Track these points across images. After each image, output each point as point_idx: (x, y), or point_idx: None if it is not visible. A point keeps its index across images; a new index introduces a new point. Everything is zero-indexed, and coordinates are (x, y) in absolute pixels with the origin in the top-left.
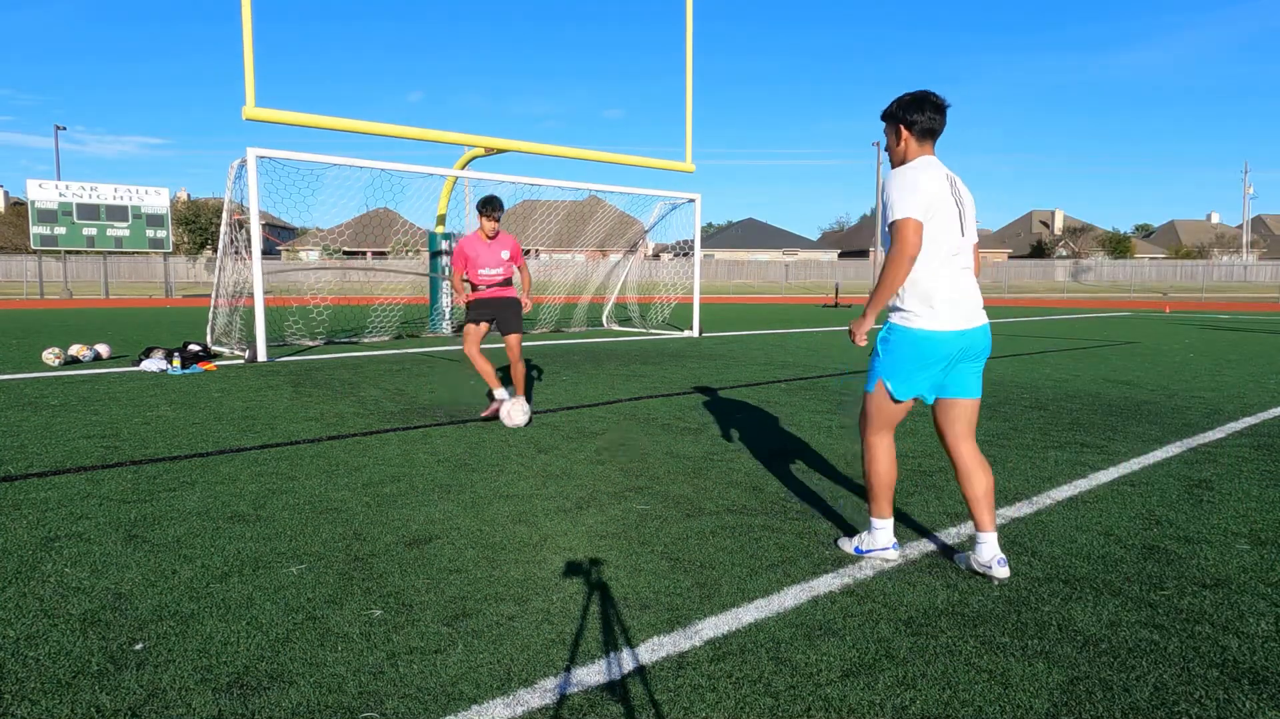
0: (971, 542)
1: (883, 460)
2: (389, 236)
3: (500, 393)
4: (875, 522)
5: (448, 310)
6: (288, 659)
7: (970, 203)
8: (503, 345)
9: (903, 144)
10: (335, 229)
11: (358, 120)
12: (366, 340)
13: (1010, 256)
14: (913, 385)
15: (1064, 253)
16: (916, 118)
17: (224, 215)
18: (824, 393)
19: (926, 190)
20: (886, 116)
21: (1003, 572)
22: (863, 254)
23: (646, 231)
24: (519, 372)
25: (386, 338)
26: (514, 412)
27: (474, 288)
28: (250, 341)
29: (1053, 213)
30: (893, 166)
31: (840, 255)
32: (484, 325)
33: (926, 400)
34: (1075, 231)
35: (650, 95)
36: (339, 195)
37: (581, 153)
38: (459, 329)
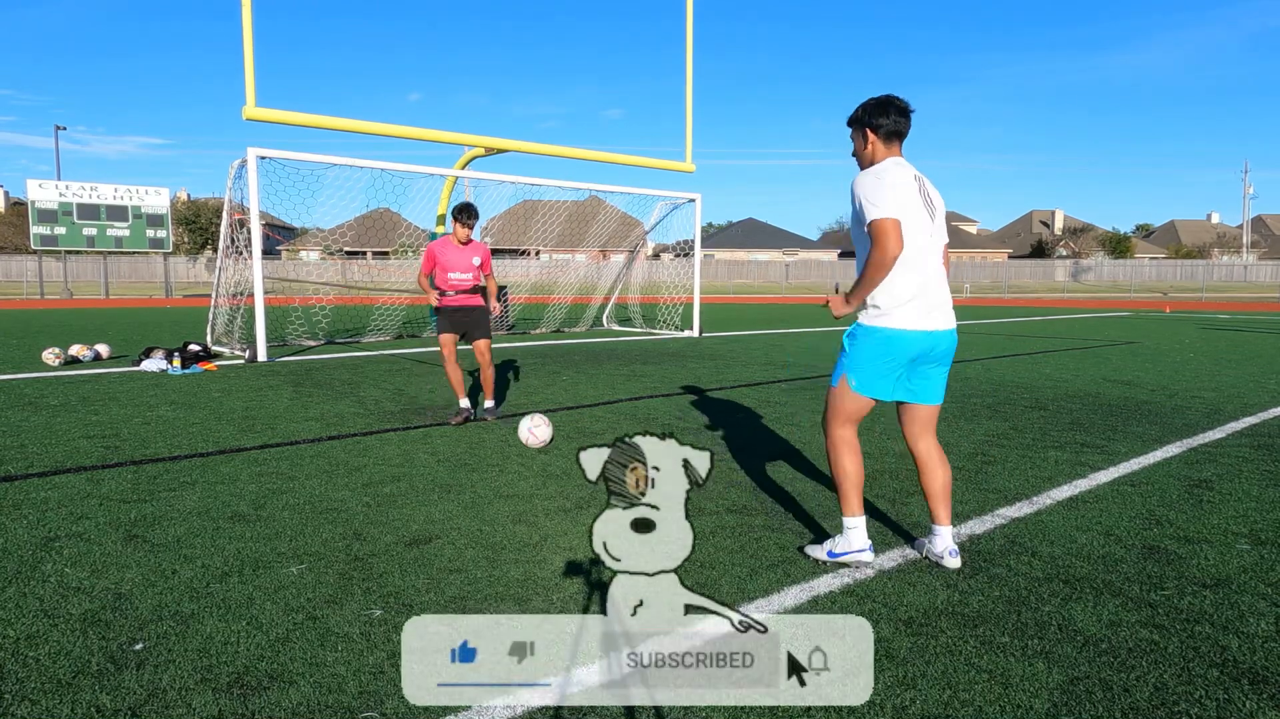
0: (928, 533)
1: (848, 455)
2: (391, 237)
3: (464, 402)
4: (847, 521)
5: None
6: (288, 659)
7: (940, 204)
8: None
9: (870, 147)
10: (336, 229)
11: (358, 120)
12: (367, 340)
13: (1010, 256)
14: (875, 382)
15: (1064, 253)
16: (882, 121)
17: (224, 215)
18: (824, 393)
19: (901, 190)
20: (852, 122)
21: (953, 562)
22: None
23: (648, 232)
24: (488, 376)
25: (387, 338)
26: (537, 429)
27: (441, 293)
28: (250, 342)
29: (1053, 213)
30: (861, 170)
31: (840, 255)
32: (456, 334)
33: (884, 399)
34: (1075, 231)
35: (650, 95)
36: (339, 195)
37: (582, 153)
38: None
